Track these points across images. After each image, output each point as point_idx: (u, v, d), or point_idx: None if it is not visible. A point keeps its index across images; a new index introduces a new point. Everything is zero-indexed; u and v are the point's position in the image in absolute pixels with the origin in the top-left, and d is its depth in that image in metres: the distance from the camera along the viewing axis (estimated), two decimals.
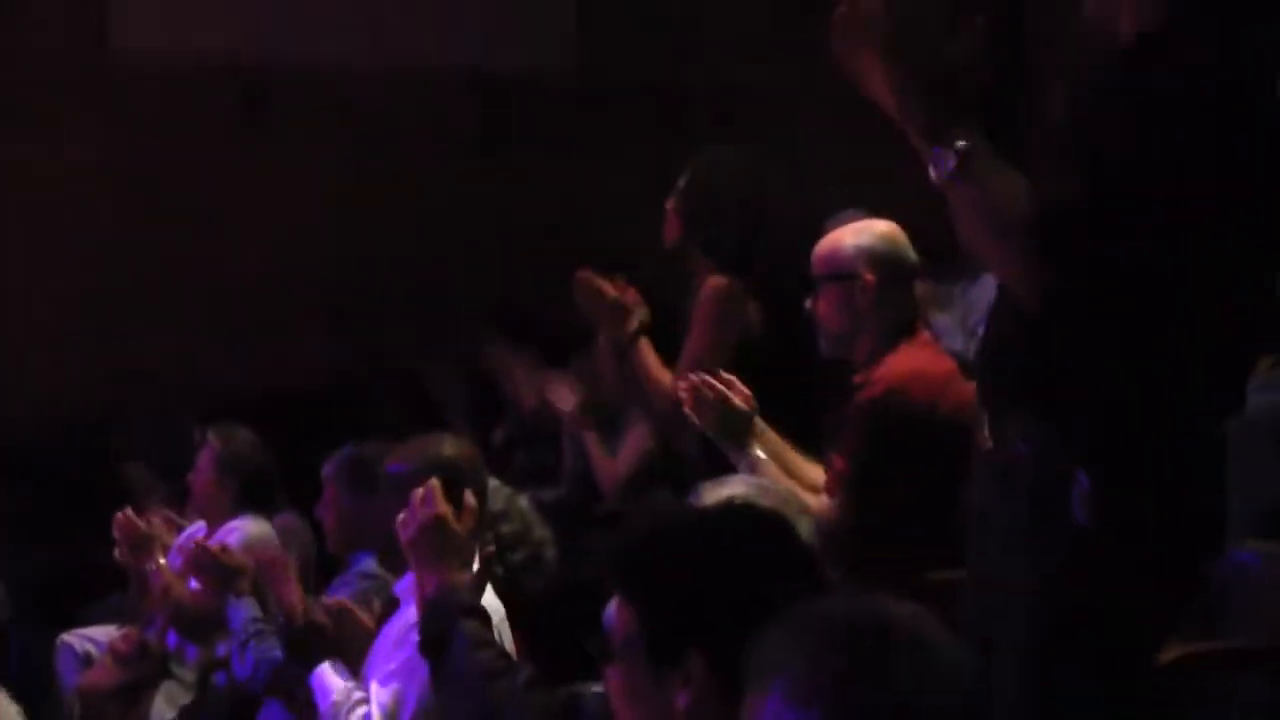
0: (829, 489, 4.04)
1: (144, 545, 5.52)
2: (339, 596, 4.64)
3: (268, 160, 9.28)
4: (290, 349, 9.09)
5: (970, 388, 3.34)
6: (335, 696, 4.01)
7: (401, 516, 3.44)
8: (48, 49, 8.98)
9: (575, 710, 2.92)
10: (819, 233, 4.48)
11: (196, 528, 6.13)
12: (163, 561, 5.50)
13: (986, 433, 2.86)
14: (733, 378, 4.19)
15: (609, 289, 4.77)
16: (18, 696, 7.16)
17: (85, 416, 8.78)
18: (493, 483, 4.48)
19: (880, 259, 4.14)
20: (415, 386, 8.29)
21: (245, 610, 4.57)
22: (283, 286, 9.23)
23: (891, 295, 4.13)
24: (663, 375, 4.74)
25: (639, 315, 4.80)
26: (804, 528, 3.42)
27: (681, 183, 4.85)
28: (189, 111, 9.10)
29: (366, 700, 3.92)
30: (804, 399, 4.23)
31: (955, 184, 2.62)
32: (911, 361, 4.12)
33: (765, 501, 3.25)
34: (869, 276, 4.10)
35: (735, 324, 4.74)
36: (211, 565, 4.71)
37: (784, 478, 3.94)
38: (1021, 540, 2.78)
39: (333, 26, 9.16)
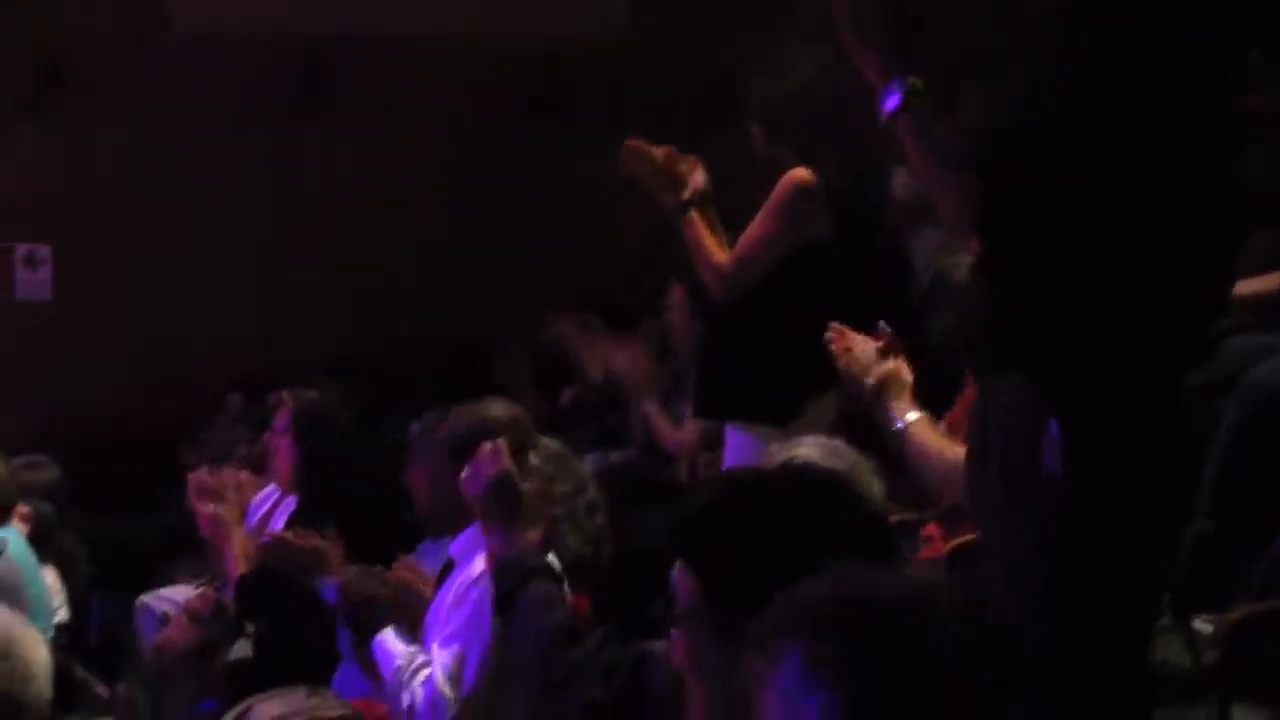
0: None
1: (218, 497, 5.56)
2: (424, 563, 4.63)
3: (328, 136, 9.34)
4: (351, 324, 9.14)
5: None
6: (399, 661, 3.98)
7: (465, 474, 3.39)
8: (105, 30, 9.05)
9: (643, 669, 2.89)
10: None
11: (271, 490, 6.17)
12: (230, 517, 5.52)
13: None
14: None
15: (658, 153, 4.55)
16: (99, 658, 7.30)
17: (156, 389, 8.89)
18: (552, 444, 4.46)
19: None
20: (478, 358, 8.33)
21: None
22: (343, 261, 9.28)
23: None
24: (714, 249, 4.54)
25: (696, 183, 4.58)
26: (876, 490, 3.39)
27: (756, 91, 4.66)
28: (247, 88, 9.16)
29: (429, 663, 3.92)
30: (862, 313, 4.04)
31: (900, 119, 2.76)
32: None
33: (838, 464, 3.20)
34: None
35: (804, 222, 4.52)
36: (290, 555, 4.64)
37: (936, 436, 3.79)
38: (1001, 499, 2.78)
39: (388, 1, 9.16)
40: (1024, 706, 2.68)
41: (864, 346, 3.78)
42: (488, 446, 3.36)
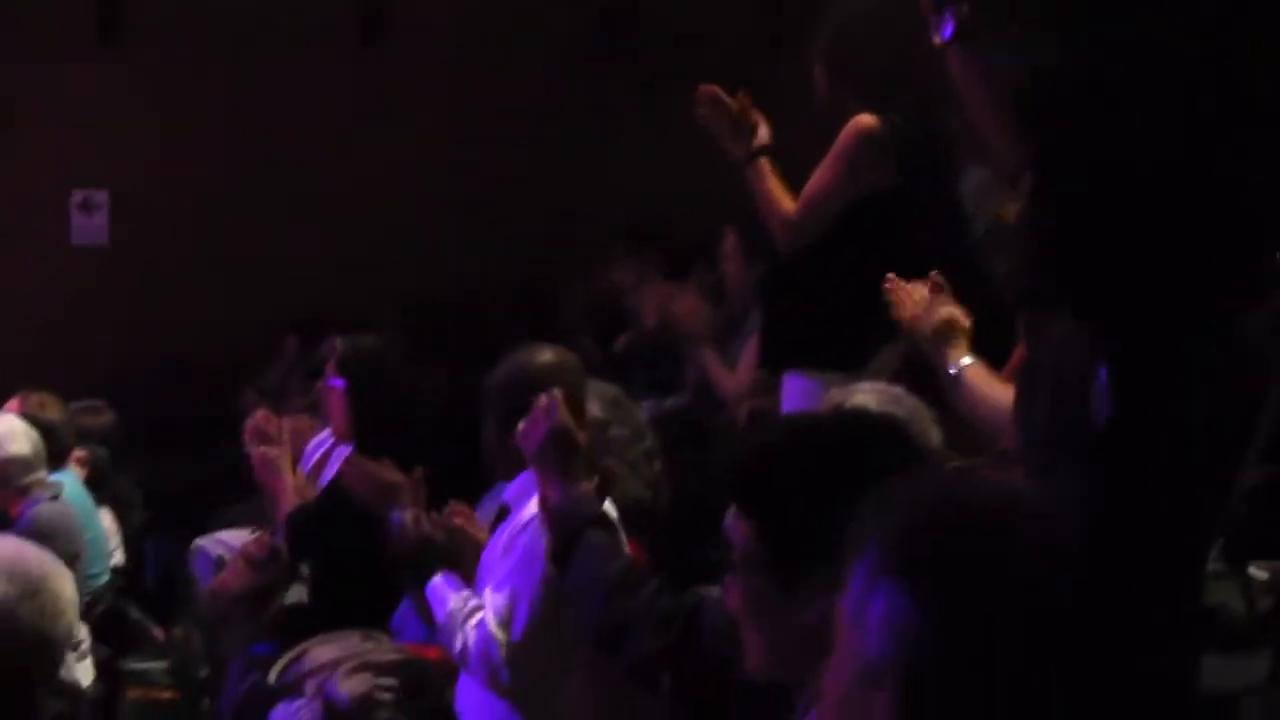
0: None
1: (271, 440, 5.59)
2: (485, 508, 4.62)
3: (392, 79, 9.34)
4: (417, 265, 9.14)
5: None
6: (451, 605, 3.98)
7: (522, 426, 3.29)
8: None
9: (699, 615, 2.87)
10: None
11: (324, 437, 6.19)
12: (283, 460, 5.54)
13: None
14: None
15: (732, 102, 4.51)
16: (155, 600, 7.38)
17: (214, 332, 8.94)
18: (611, 389, 4.45)
19: None
20: (541, 300, 8.33)
21: None
22: (408, 205, 9.29)
23: None
24: (782, 198, 4.50)
25: (762, 134, 4.54)
26: (935, 437, 3.37)
27: (821, 34, 4.62)
28: (310, 34, 9.16)
29: (481, 608, 3.92)
30: (927, 259, 3.97)
31: (952, 50, 2.75)
32: None
33: (897, 410, 3.17)
34: None
35: (869, 169, 4.48)
36: (371, 481, 4.65)
37: (991, 380, 3.62)
38: (1049, 444, 2.75)
39: None
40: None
41: (919, 294, 3.74)
42: (543, 399, 3.28)
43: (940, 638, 1.63)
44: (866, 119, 4.48)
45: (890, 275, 3.79)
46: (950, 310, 3.68)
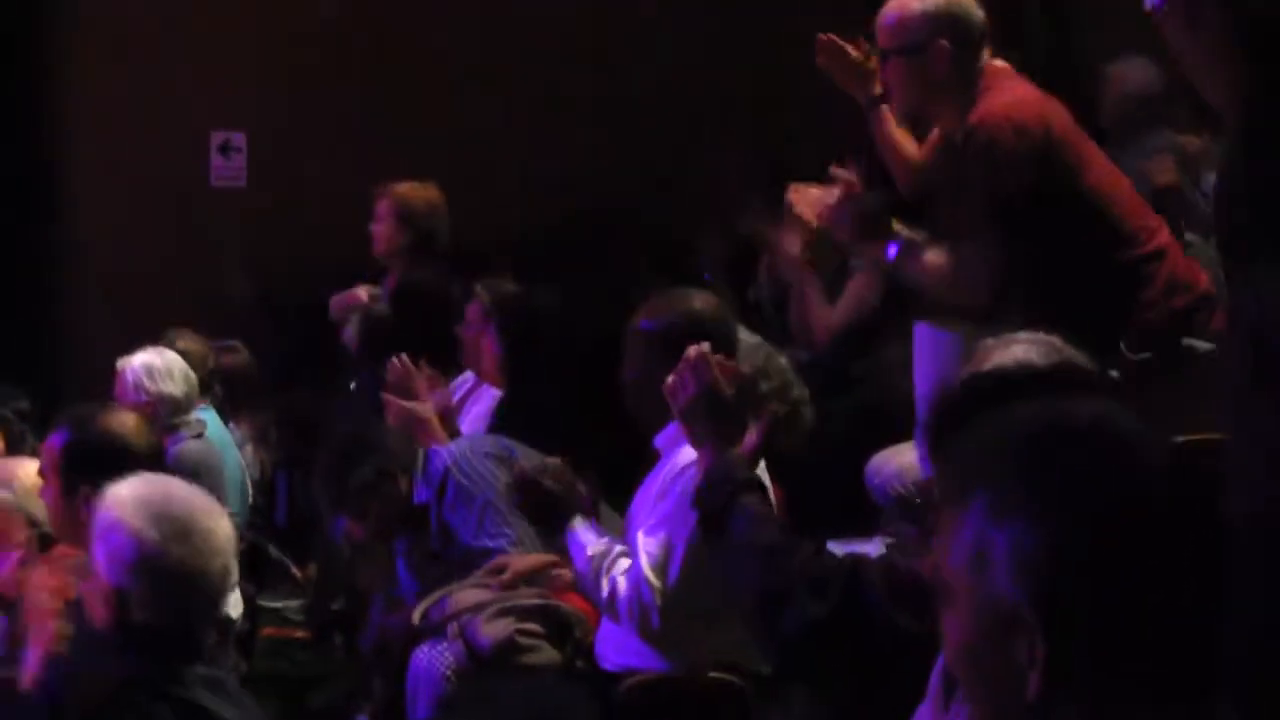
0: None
1: (412, 390, 5.60)
2: None
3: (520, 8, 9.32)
4: (540, 204, 9.12)
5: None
6: (592, 550, 3.96)
7: (671, 381, 3.24)
8: None
9: (858, 579, 2.82)
10: None
11: (465, 379, 6.21)
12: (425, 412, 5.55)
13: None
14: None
15: (852, 50, 4.51)
16: (286, 535, 7.43)
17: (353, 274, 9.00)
18: (754, 339, 4.42)
19: (953, 24, 4.10)
20: (670, 246, 8.30)
21: None
22: (530, 140, 9.27)
23: (966, 61, 4.12)
24: (905, 144, 4.52)
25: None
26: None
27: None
28: None
29: (628, 554, 3.91)
30: None
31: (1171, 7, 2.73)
32: (1009, 94, 4.16)
33: (1060, 359, 3.09)
34: (943, 43, 4.04)
35: None
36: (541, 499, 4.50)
37: (934, 249, 3.90)
38: (1245, 392, 2.68)
39: None
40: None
41: (815, 195, 3.84)
42: (691, 352, 3.23)
43: (1077, 564, 1.59)
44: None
45: (791, 184, 3.93)
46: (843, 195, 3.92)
